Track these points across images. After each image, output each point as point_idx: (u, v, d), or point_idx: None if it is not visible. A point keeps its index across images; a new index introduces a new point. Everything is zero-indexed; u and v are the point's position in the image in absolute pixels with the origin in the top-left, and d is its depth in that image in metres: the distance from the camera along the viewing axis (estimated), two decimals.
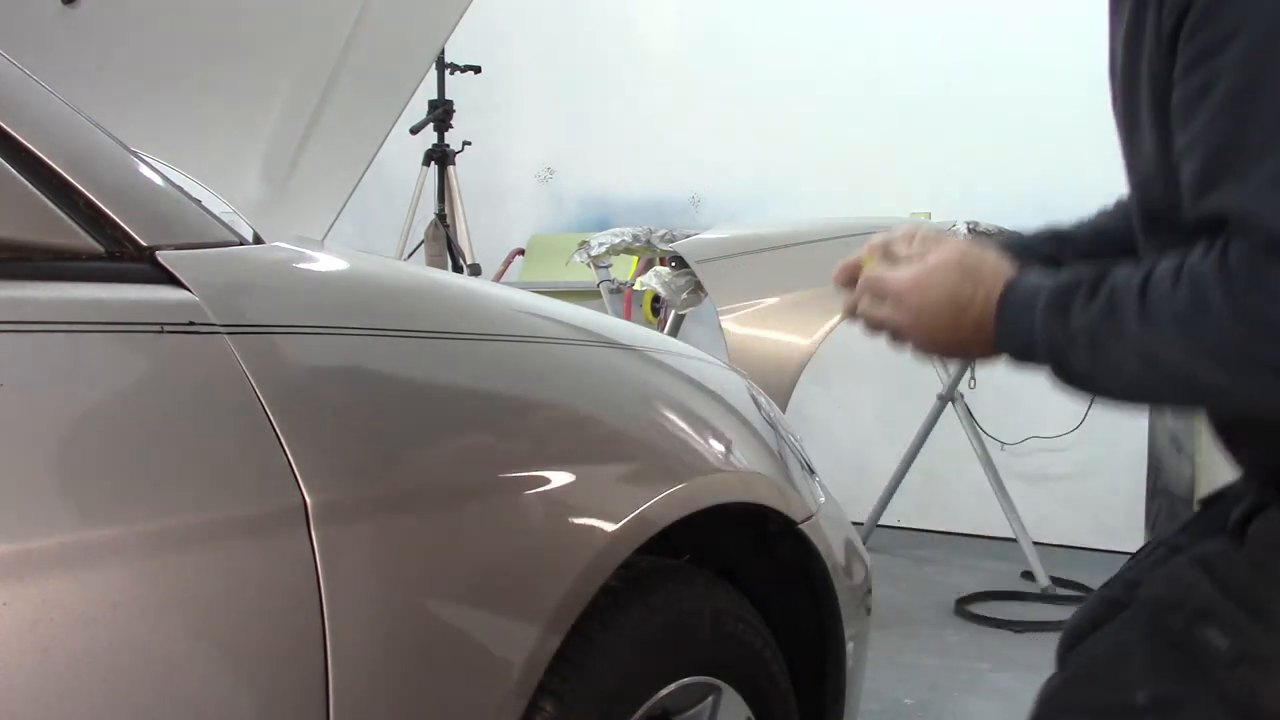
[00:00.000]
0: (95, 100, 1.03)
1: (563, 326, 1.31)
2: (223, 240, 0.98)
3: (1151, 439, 4.24)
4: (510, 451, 1.10)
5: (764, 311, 3.11)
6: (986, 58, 4.54)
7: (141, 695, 0.79)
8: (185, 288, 0.89)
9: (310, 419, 0.93)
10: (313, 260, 1.12)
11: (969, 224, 3.50)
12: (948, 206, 4.33)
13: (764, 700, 1.39)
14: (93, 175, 0.89)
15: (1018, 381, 4.76)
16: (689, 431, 1.33)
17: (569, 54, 5.37)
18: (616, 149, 5.26)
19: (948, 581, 3.94)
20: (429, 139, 4.86)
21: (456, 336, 1.14)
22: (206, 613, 0.83)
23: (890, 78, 4.70)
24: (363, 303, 1.09)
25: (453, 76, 4.82)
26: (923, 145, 4.64)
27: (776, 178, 4.92)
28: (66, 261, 0.86)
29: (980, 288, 1.03)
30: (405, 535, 0.96)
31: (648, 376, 1.37)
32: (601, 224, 4.94)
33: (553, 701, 1.09)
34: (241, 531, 0.85)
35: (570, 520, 1.12)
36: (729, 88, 5.01)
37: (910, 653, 3.15)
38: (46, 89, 0.93)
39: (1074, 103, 4.36)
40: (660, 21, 5.21)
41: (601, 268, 3.88)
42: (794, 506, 1.43)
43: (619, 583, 1.19)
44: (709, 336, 4.24)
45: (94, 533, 0.77)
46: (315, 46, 1.59)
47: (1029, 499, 4.32)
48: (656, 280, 3.24)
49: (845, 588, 1.51)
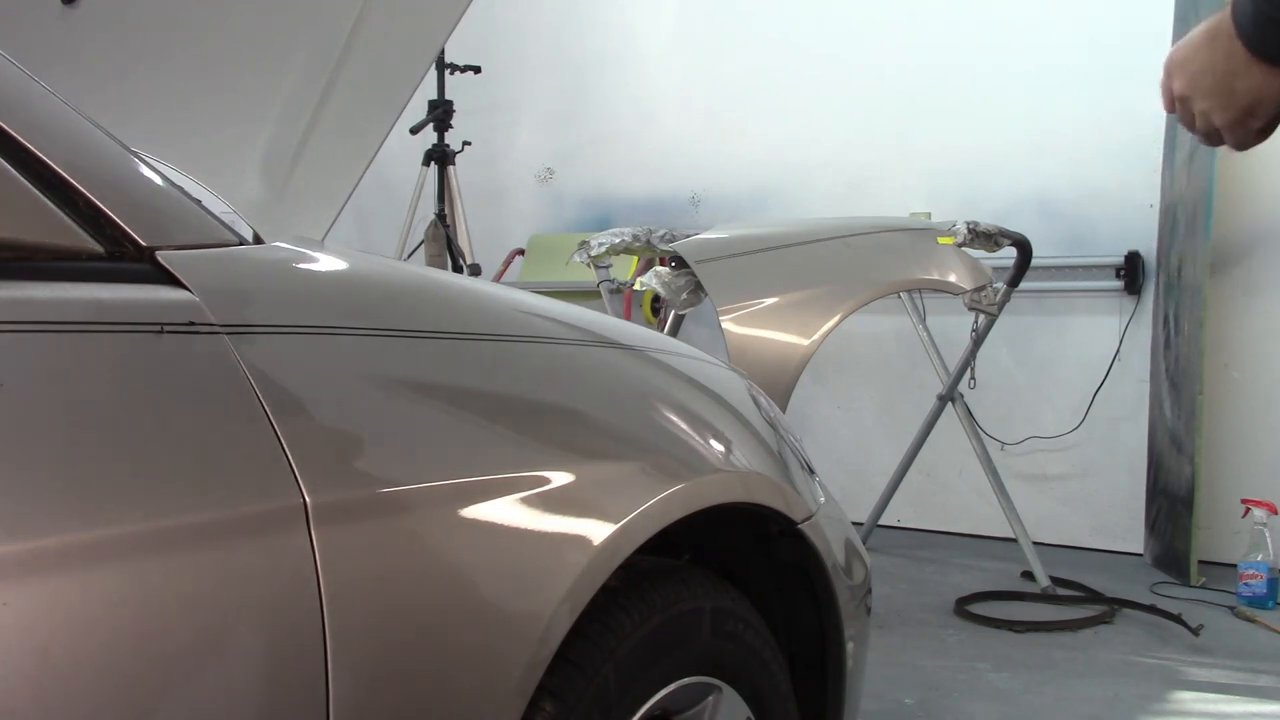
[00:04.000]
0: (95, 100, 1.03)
1: (563, 326, 1.31)
2: (223, 240, 0.98)
3: (1151, 439, 4.24)
4: (510, 451, 1.09)
5: (764, 311, 3.11)
6: (986, 58, 4.54)
7: (141, 695, 0.79)
8: (185, 288, 0.89)
9: (310, 419, 0.93)
10: (313, 260, 1.11)
11: (969, 224, 3.50)
12: (948, 206, 4.33)
13: (764, 700, 1.39)
14: (93, 175, 0.89)
15: (1018, 381, 4.78)
16: (689, 431, 1.33)
17: (569, 54, 5.37)
18: (616, 149, 5.26)
19: (947, 581, 3.94)
20: (429, 139, 4.87)
21: (456, 336, 1.14)
22: (206, 613, 0.83)
23: (891, 77, 4.70)
24: (363, 303, 1.08)
25: (453, 76, 4.82)
26: (923, 145, 4.64)
27: (776, 178, 4.92)
28: (66, 261, 0.86)
29: (1217, 15, 1.09)
30: (405, 535, 0.96)
31: (648, 376, 1.37)
32: (601, 224, 4.94)
33: (553, 701, 1.10)
34: (241, 531, 0.85)
35: (570, 520, 1.12)
36: (729, 88, 5.01)
37: (910, 653, 3.15)
38: (46, 89, 0.93)
39: (1074, 102, 4.37)
40: (660, 21, 5.20)
41: (601, 268, 3.88)
42: (794, 506, 1.43)
43: (619, 583, 1.19)
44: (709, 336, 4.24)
45: (94, 533, 0.77)
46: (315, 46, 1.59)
47: (1029, 499, 4.32)
48: (656, 280, 3.24)
49: (845, 588, 1.51)
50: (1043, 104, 4.43)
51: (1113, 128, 4.27)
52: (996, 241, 3.59)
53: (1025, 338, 4.51)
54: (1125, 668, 3.07)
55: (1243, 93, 1.10)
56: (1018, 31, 4.51)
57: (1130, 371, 4.34)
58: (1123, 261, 4.32)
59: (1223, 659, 3.18)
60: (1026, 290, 3.97)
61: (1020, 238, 3.64)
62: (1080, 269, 4.42)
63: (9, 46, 0.94)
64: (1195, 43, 1.13)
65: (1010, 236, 3.61)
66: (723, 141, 5.02)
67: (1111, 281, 4.36)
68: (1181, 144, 3.98)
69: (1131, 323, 4.35)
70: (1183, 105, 1.15)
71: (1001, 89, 4.51)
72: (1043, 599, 3.68)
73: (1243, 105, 1.10)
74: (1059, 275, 4.42)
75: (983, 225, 3.54)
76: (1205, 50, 1.11)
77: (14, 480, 0.74)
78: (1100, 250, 4.37)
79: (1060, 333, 4.50)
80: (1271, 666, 3.11)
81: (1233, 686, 2.98)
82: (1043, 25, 4.47)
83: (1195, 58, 1.12)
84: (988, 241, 3.57)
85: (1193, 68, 1.12)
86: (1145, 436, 4.29)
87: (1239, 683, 3.00)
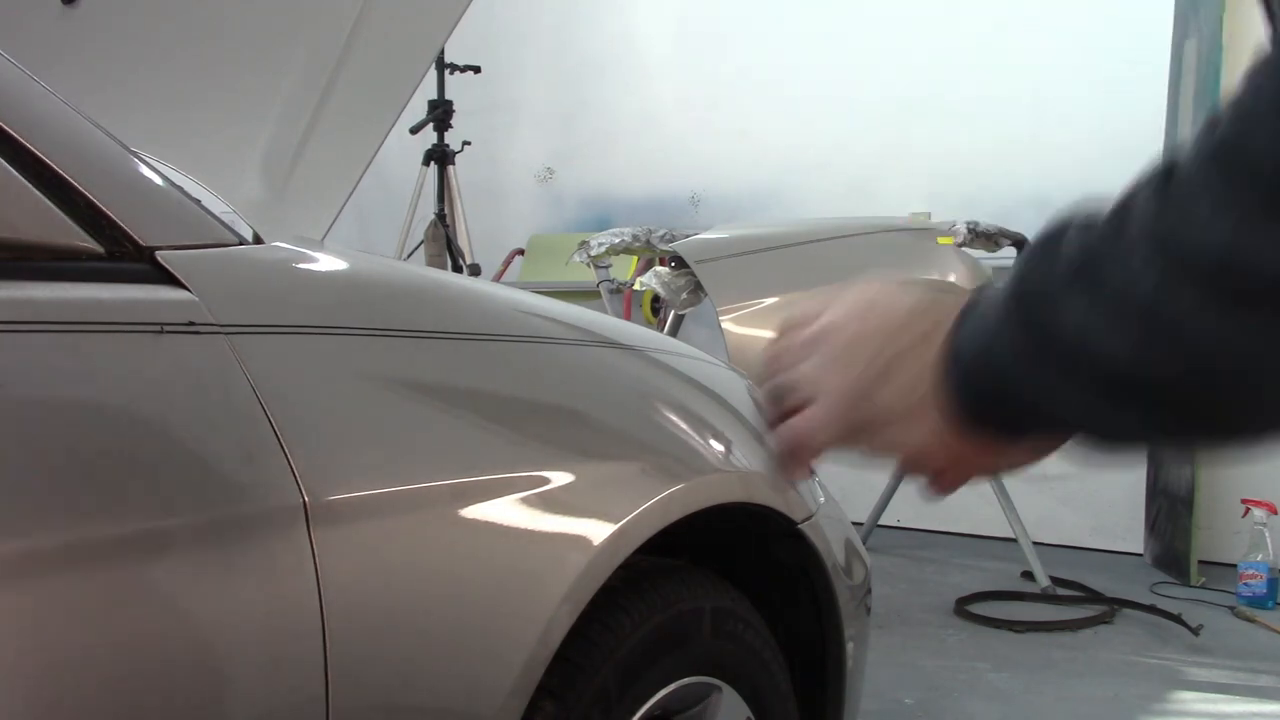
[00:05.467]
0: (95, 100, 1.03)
1: (563, 326, 1.31)
2: (223, 240, 0.98)
3: None
4: (510, 451, 1.09)
5: (764, 311, 3.11)
6: (986, 58, 4.54)
7: (141, 695, 0.79)
8: (185, 288, 0.89)
9: (310, 419, 0.93)
10: (313, 260, 1.11)
11: (969, 224, 3.50)
12: (948, 206, 4.33)
13: (764, 700, 1.39)
14: (93, 175, 0.89)
15: None
16: (689, 431, 1.33)
17: (569, 54, 5.37)
18: (616, 149, 5.26)
19: (947, 581, 3.94)
20: (429, 139, 4.87)
21: (456, 336, 1.14)
22: (206, 613, 0.83)
23: (891, 78, 4.70)
24: (363, 303, 1.08)
25: (453, 76, 4.82)
26: (923, 145, 4.64)
27: (776, 177, 4.92)
28: (66, 261, 0.86)
29: (940, 300, 0.73)
30: (405, 535, 0.96)
31: (648, 376, 1.37)
32: (601, 224, 4.94)
33: (553, 701, 1.09)
34: (241, 531, 0.85)
35: (570, 520, 1.12)
36: (729, 88, 5.01)
37: (910, 653, 3.15)
38: (46, 89, 0.93)
39: (1074, 103, 4.37)
40: (660, 21, 5.20)
41: (601, 268, 3.88)
42: (794, 506, 1.43)
43: (619, 583, 1.18)
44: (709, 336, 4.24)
45: (94, 533, 0.77)
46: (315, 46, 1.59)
47: (1029, 499, 4.32)
48: (656, 280, 3.24)
49: (845, 588, 1.51)
50: (1043, 104, 4.43)
51: (1113, 128, 4.27)
52: (996, 241, 3.58)
53: None
54: (1125, 668, 3.07)
55: (883, 403, 0.73)
56: (1018, 31, 4.51)
57: None
58: None
59: (1223, 659, 3.17)
60: None
61: (1020, 238, 3.64)
62: None
63: (9, 46, 0.94)
64: (883, 311, 0.74)
65: (1010, 236, 3.61)
66: (723, 141, 5.02)
67: None
68: (1181, 144, 3.97)
69: None
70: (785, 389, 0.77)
71: (1002, 89, 4.51)
72: (1043, 599, 3.68)
73: (895, 446, 0.74)
74: None
75: (983, 225, 3.54)
76: (893, 322, 0.73)
77: (13, 480, 0.74)
78: None
79: None
80: (1271, 666, 3.11)
81: (1233, 686, 2.98)
82: (1043, 25, 4.47)
83: (873, 327, 0.73)
84: (988, 241, 3.57)
85: (862, 343, 0.73)
86: None
87: (1239, 683, 3.00)
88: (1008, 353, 0.64)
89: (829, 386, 0.74)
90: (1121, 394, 0.60)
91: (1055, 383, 0.62)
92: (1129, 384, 0.60)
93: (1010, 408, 0.66)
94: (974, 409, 0.69)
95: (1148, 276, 0.57)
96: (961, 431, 0.70)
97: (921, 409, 0.71)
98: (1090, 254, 0.60)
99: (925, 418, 0.71)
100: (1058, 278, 0.61)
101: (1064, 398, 0.63)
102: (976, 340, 0.67)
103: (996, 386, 0.66)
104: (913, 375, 0.71)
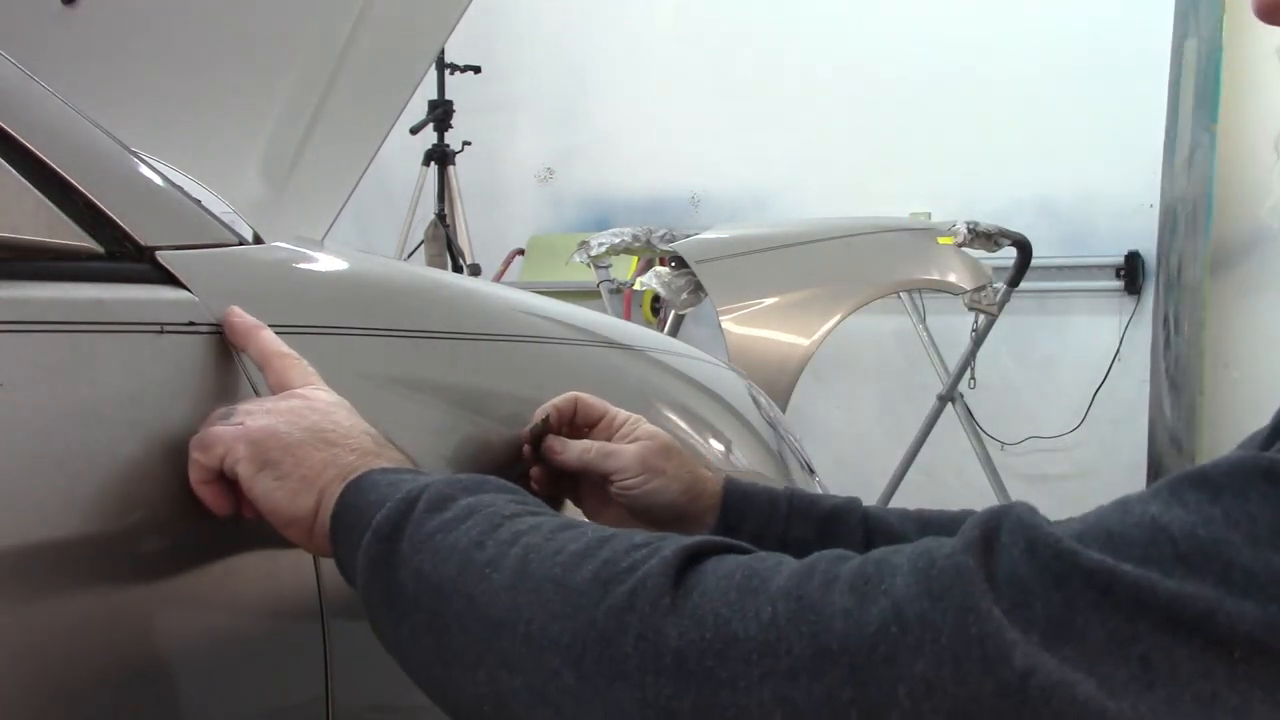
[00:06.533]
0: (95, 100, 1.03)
1: (563, 326, 1.31)
2: (223, 240, 0.98)
3: (1151, 439, 4.24)
4: (510, 451, 1.09)
5: (764, 311, 3.11)
6: (986, 58, 4.54)
7: (141, 696, 0.79)
8: (185, 288, 0.90)
9: None
10: (313, 260, 1.11)
11: (969, 224, 3.50)
12: (948, 206, 4.33)
13: None
14: (93, 175, 0.89)
15: (1018, 381, 4.77)
16: (689, 431, 1.33)
17: (569, 54, 5.37)
18: (616, 149, 5.26)
19: None
20: (429, 139, 4.86)
21: (457, 336, 1.14)
22: (206, 613, 0.83)
23: (890, 77, 4.70)
24: (363, 303, 1.08)
25: (453, 76, 4.82)
26: (923, 145, 4.64)
27: (776, 177, 4.92)
28: (66, 261, 0.86)
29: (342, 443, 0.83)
30: None
31: (648, 376, 1.37)
32: (601, 224, 4.94)
33: None
34: (241, 532, 0.85)
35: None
36: (729, 87, 5.01)
37: None
38: (46, 89, 0.93)
39: (1074, 103, 4.38)
40: (660, 22, 5.20)
41: (601, 268, 3.87)
42: None
43: None
44: (709, 336, 4.24)
45: (94, 532, 0.77)
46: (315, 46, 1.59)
47: (1029, 499, 4.28)
48: (656, 280, 3.24)
49: None
50: (1043, 104, 4.43)
51: (1113, 128, 4.27)
52: (996, 241, 3.58)
53: (1025, 338, 4.51)
54: None
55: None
56: (1018, 31, 4.51)
57: (1130, 372, 4.34)
58: (1123, 261, 4.32)
59: None
60: (1026, 290, 3.97)
61: (1020, 238, 3.64)
62: (1080, 269, 4.42)
63: (9, 46, 0.94)
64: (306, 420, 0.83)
65: (1010, 236, 3.61)
66: (723, 141, 5.02)
67: (1111, 281, 4.36)
68: (1181, 144, 3.98)
69: (1131, 323, 4.35)
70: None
71: (1001, 89, 4.51)
72: None
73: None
74: (1059, 275, 4.42)
75: (983, 225, 3.54)
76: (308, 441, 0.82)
77: (13, 480, 0.74)
78: (1100, 250, 4.37)
79: (1060, 333, 4.50)
80: None
81: None
82: (1043, 25, 4.47)
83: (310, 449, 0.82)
84: (988, 241, 3.57)
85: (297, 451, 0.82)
86: (1145, 436, 4.29)
87: None
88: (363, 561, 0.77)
89: (266, 418, 0.83)
90: None
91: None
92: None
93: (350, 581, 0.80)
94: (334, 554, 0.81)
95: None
96: (321, 550, 0.82)
97: (317, 497, 0.81)
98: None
99: (314, 505, 0.81)
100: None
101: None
102: (351, 528, 0.79)
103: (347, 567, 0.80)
104: (327, 465, 0.82)
